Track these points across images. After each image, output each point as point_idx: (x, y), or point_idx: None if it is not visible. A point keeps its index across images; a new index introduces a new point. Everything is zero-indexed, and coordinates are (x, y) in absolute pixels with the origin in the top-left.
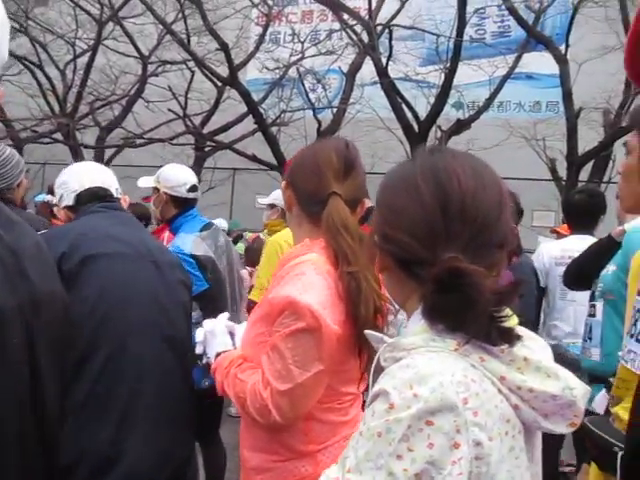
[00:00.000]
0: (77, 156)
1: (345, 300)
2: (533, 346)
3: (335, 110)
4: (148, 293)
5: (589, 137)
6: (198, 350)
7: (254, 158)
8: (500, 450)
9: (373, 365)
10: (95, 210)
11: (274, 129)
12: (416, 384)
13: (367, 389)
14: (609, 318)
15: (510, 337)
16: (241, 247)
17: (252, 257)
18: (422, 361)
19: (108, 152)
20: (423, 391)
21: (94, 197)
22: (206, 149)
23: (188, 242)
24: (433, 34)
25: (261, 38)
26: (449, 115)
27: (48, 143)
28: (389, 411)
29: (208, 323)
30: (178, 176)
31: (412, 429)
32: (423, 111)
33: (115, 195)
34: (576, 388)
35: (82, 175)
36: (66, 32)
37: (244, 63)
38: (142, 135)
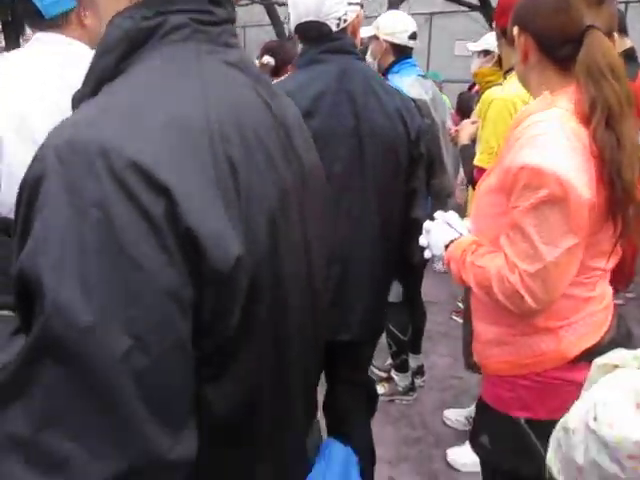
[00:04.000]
0: (272, 16)
1: (600, 160)
2: None
3: None
4: None
5: None
6: (422, 243)
7: None
8: None
9: None
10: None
11: None
12: None
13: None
14: None
15: None
16: (445, 99)
17: (462, 108)
18: None
19: None
20: None
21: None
22: None
23: (404, 84)
24: None
25: None
26: None
27: (245, 4)
28: None
29: (426, 224)
30: (398, 23)
31: None
32: None
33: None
34: None
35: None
36: None
37: None
38: None
